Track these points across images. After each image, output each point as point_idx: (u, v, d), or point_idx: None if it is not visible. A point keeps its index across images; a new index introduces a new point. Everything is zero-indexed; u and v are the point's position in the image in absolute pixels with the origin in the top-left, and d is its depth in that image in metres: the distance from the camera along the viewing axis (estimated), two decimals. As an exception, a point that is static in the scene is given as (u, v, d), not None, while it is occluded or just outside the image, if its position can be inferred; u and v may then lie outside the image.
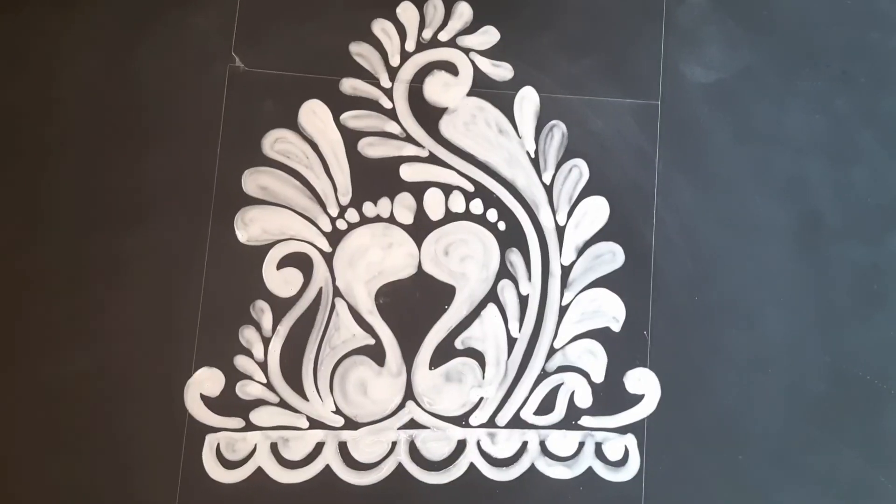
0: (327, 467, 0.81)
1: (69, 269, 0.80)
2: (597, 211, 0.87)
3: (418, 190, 0.85)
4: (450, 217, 0.85)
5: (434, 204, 0.85)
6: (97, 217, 0.81)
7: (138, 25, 0.84)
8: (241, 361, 0.81)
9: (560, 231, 0.87)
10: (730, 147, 0.90)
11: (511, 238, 0.86)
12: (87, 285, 0.80)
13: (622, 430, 0.85)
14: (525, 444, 0.84)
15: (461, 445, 0.83)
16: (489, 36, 0.88)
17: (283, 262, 0.83)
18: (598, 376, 0.85)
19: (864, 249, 0.90)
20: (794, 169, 0.90)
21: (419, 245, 0.85)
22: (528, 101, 0.88)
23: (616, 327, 0.86)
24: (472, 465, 0.83)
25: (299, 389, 0.82)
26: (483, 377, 0.84)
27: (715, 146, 0.90)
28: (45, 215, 0.81)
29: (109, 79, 0.83)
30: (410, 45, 0.87)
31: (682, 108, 0.90)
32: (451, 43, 0.88)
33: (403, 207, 0.85)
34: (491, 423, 0.84)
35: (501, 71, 0.88)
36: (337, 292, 0.83)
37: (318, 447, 0.81)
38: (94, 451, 0.78)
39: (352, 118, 0.85)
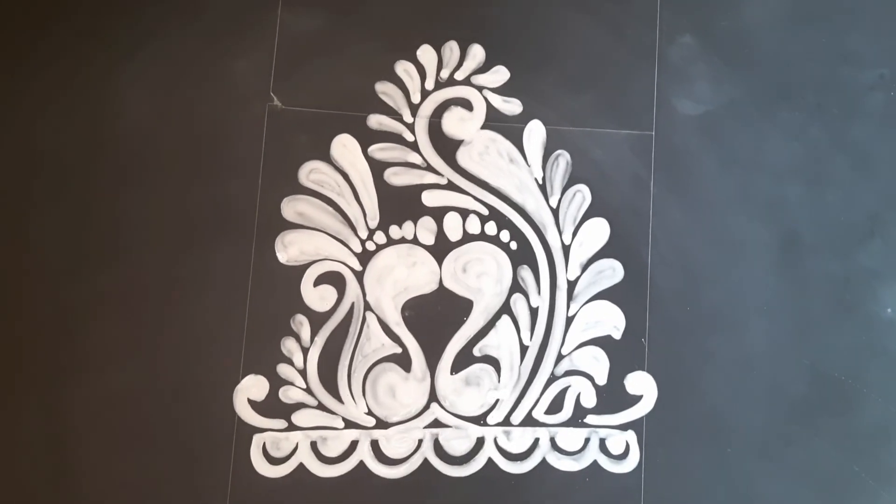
0: (361, 463, 0.84)
1: (132, 290, 0.83)
2: (598, 231, 0.90)
3: (438, 214, 0.88)
4: (467, 238, 0.88)
5: (453, 226, 0.88)
6: (153, 243, 0.84)
7: (186, 69, 0.86)
8: (283, 369, 0.84)
9: (566, 249, 0.89)
10: (716, 172, 0.92)
11: (522, 256, 0.88)
12: (148, 303, 0.83)
13: (623, 427, 0.88)
14: (537, 440, 0.87)
15: (480, 442, 0.86)
16: (500, 75, 0.90)
17: (319, 280, 0.85)
18: (602, 379, 0.88)
19: (837, 263, 0.92)
20: (774, 191, 0.92)
21: (440, 263, 0.87)
22: (535, 133, 0.90)
23: (617, 335, 0.89)
24: (489, 460, 0.86)
25: (335, 393, 0.85)
26: (499, 381, 0.87)
27: (703, 172, 0.92)
28: (107, 245, 0.83)
29: (159, 117, 0.85)
30: (430, 84, 0.90)
31: (674, 138, 0.91)
32: (466, 81, 0.90)
33: (425, 230, 0.88)
34: (506, 421, 0.87)
35: (511, 106, 0.90)
36: (367, 306, 0.86)
37: (353, 445, 0.84)
38: (156, 449, 0.81)
39: (378, 150, 0.88)
